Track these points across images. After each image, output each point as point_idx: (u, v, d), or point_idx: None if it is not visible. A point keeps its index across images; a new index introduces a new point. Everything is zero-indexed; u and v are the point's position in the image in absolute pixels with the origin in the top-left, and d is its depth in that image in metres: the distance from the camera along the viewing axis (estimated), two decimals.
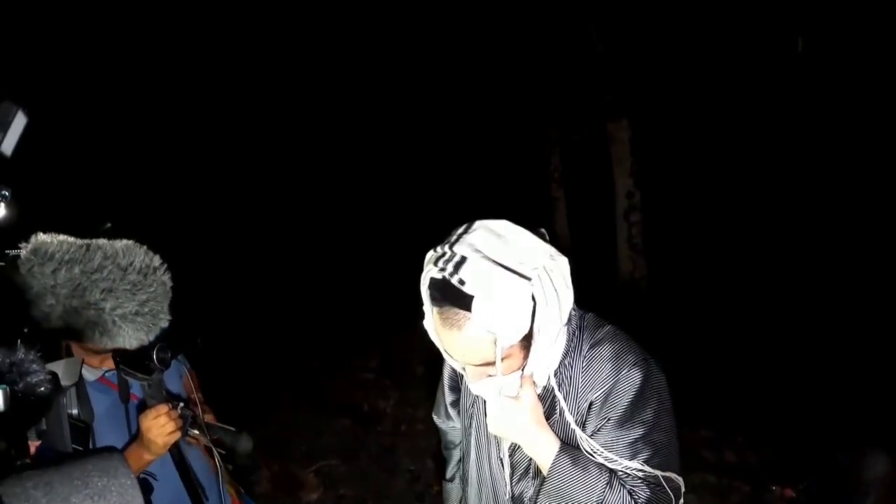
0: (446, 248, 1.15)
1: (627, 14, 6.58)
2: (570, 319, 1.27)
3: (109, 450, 0.68)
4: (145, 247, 1.20)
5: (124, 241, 1.23)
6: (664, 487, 1.23)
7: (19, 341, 0.84)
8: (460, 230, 1.19)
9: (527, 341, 1.15)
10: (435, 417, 1.75)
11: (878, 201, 7.13)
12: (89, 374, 1.73)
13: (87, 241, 1.24)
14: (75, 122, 9.57)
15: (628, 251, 6.95)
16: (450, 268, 1.11)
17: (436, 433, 1.80)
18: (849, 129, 7.47)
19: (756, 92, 7.91)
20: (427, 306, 1.20)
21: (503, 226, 1.18)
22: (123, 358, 1.56)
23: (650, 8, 6.72)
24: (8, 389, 0.74)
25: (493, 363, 1.14)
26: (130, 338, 1.39)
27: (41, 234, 1.40)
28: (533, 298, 1.11)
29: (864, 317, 5.52)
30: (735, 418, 4.27)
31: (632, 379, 1.24)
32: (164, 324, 1.13)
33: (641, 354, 1.28)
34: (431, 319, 1.20)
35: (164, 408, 1.55)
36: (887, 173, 7.04)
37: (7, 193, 1.03)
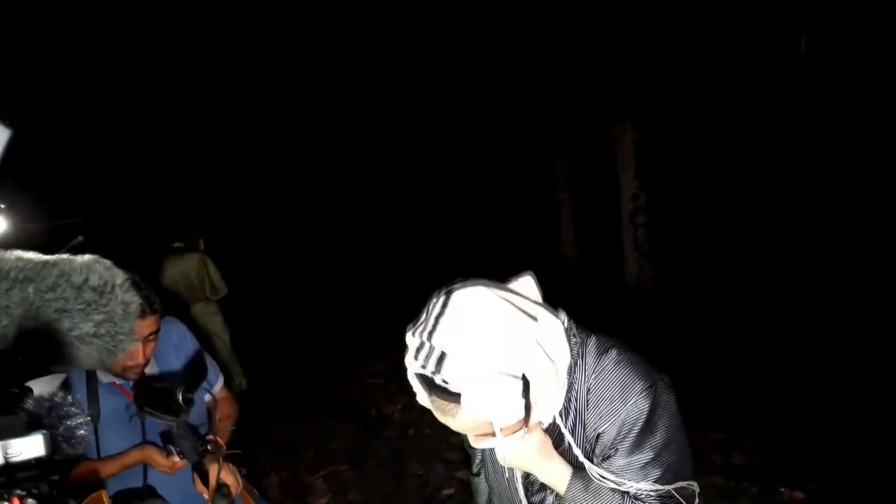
0: (424, 337, 1.10)
1: (633, 18, 6.59)
2: (571, 349, 1.24)
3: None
4: (107, 262, 1.10)
5: (86, 257, 1.16)
6: (677, 499, 1.25)
7: (59, 383, 0.83)
8: (435, 311, 1.12)
9: (526, 411, 1.14)
10: None
11: (883, 201, 7.10)
12: (103, 376, 1.78)
13: (48, 257, 1.18)
14: (86, 129, 9.63)
15: (634, 254, 6.95)
16: (431, 365, 1.08)
17: (444, 438, 1.80)
18: (853, 130, 7.45)
19: (760, 93, 7.90)
20: (416, 388, 1.18)
21: (479, 303, 1.10)
22: (148, 401, 1.59)
23: (655, 11, 6.73)
24: (48, 434, 0.75)
25: (493, 434, 1.14)
26: (91, 360, 1.37)
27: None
28: (525, 390, 1.09)
29: (870, 317, 5.50)
30: (743, 420, 4.26)
31: (640, 408, 1.22)
32: (128, 345, 1.05)
33: (648, 380, 1.24)
34: (424, 399, 1.18)
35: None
36: (892, 174, 7.01)
37: (2, 206, 1.00)
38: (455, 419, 1.12)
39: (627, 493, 1.24)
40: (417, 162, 11.72)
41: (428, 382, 1.11)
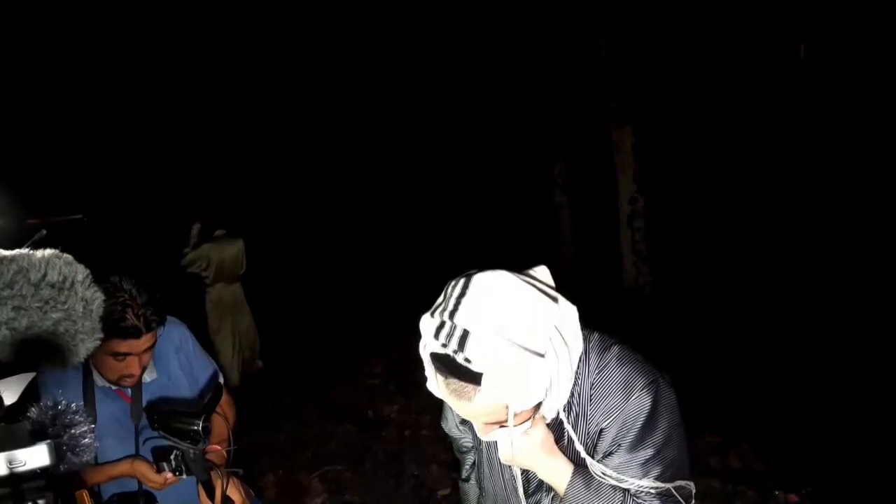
0: (445, 317, 1.08)
1: (633, 22, 6.60)
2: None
3: None
4: (67, 257, 1.07)
5: (46, 252, 1.12)
6: (676, 497, 1.25)
7: (59, 392, 0.83)
8: (456, 291, 1.10)
9: (544, 394, 1.15)
10: (443, 426, 1.75)
11: (882, 208, 7.12)
12: (100, 380, 1.77)
13: (6, 252, 1.14)
14: (91, 126, 9.62)
15: (632, 257, 6.95)
16: (453, 344, 1.05)
17: (441, 439, 1.80)
18: (852, 136, 7.46)
19: (760, 98, 7.92)
20: (430, 372, 1.15)
21: (502, 284, 1.10)
22: (163, 424, 1.59)
23: (655, 15, 6.74)
24: (53, 443, 0.75)
25: (504, 421, 1.12)
26: (51, 360, 1.20)
27: None
28: (545, 370, 1.08)
29: (870, 322, 5.51)
30: (740, 424, 4.26)
31: (642, 405, 1.22)
32: (91, 344, 1.03)
33: (650, 376, 1.25)
34: (436, 385, 1.15)
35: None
36: (891, 180, 7.02)
37: None
38: (471, 403, 1.08)
39: (628, 490, 1.24)
40: (418, 164, 11.73)
41: (447, 364, 1.07)
